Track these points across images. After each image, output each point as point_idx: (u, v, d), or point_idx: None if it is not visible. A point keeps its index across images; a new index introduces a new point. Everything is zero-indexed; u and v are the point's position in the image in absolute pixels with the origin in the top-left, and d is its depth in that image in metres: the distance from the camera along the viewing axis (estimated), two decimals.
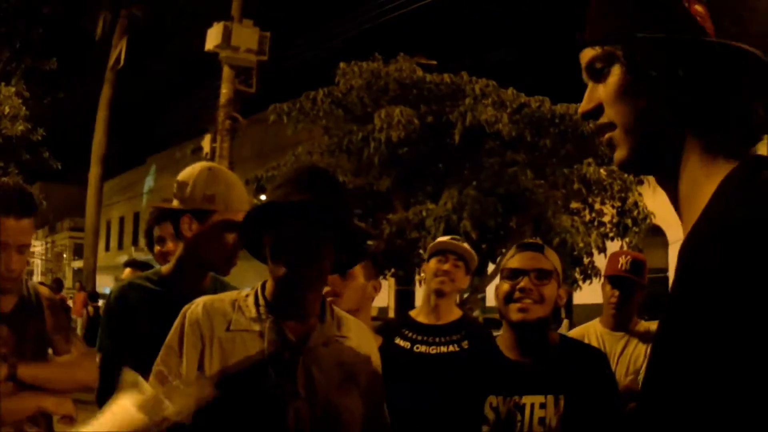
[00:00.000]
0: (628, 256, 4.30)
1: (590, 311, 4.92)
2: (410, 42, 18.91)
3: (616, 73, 1.32)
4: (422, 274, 3.98)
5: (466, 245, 4.20)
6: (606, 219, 16.02)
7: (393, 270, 15.96)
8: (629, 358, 4.14)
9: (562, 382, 2.82)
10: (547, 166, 15.89)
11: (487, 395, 2.84)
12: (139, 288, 3.03)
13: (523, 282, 2.85)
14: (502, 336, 3.00)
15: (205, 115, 19.35)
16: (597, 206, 16.04)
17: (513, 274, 2.89)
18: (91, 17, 26.48)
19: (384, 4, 19.49)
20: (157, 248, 4.26)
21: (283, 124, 16.79)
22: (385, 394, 2.61)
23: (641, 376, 3.98)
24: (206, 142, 18.63)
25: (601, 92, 1.35)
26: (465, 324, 4.16)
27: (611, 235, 15.95)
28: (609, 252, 15.30)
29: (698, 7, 1.29)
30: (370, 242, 14.06)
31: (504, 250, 14.91)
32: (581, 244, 15.15)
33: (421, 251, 14.91)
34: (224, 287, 2.98)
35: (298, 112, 16.60)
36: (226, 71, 18.47)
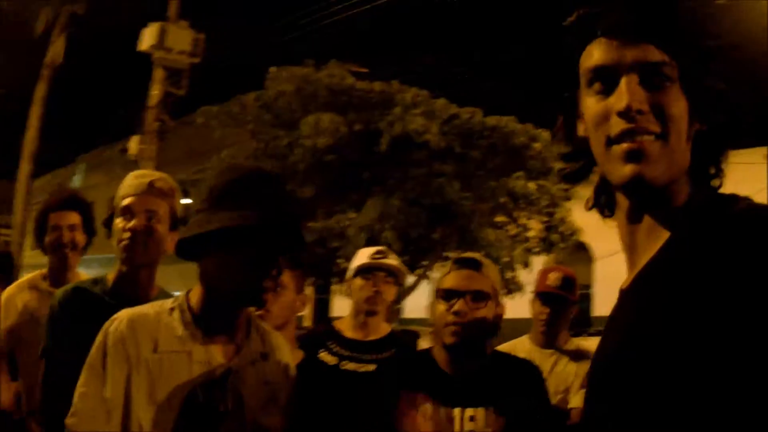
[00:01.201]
0: (559, 272, 4.20)
1: (511, 326, 4.78)
2: (343, 48, 18.67)
3: (679, 92, 1.27)
4: (346, 288, 3.90)
5: (392, 261, 4.02)
6: (531, 234, 15.91)
7: (313, 279, 15.70)
8: (559, 376, 4.04)
9: (493, 395, 2.73)
10: (475, 178, 15.63)
11: (419, 402, 2.73)
12: (84, 293, 2.96)
13: (458, 305, 2.71)
14: (437, 349, 2.85)
15: (135, 115, 18.98)
16: (522, 220, 15.91)
17: (448, 295, 2.75)
18: (31, 13, 25.96)
19: (318, 10, 19.27)
20: (48, 238, 3.90)
21: (211, 127, 16.47)
22: (306, 410, 2.58)
23: (571, 395, 4.00)
24: (134, 143, 18.23)
25: (663, 100, 1.26)
26: (395, 341, 4.01)
27: (536, 250, 15.83)
28: (533, 267, 15.22)
29: None
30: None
31: (426, 262, 14.71)
32: (506, 258, 15.01)
33: (338, 260, 14.68)
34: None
35: (226, 115, 16.31)
36: (158, 72, 18.09)
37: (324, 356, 3.84)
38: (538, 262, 16.13)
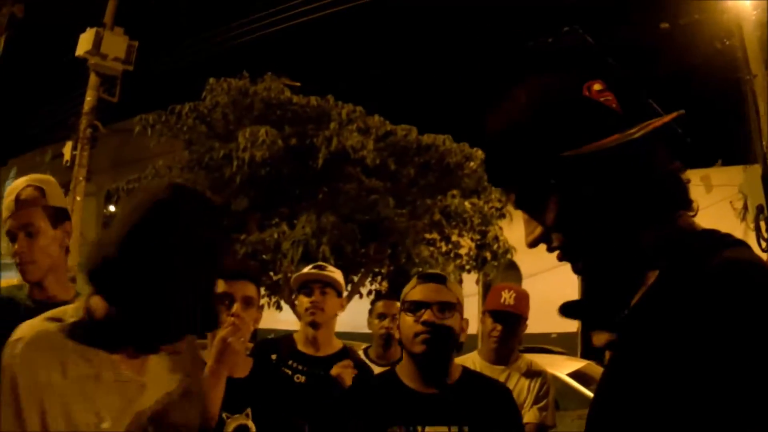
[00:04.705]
0: (512, 291, 4.23)
1: None
2: (279, 61, 18.32)
3: (554, 200, 1.28)
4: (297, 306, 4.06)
5: (328, 272, 4.02)
6: (463, 251, 15.70)
7: None
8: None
9: (466, 413, 2.76)
10: (408, 195, 15.36)
11: (389, 425, 2.73)
12: (9, 302, 2.94)
13: (426, 315, 2.79)
14: (403, 366, 2.91)
15: (68, 120, 18.42)
16: (454, 238, 15.70)
17: (415, 307, 2.82)
18: None
19: (254, 21, 18.91)
20: None
21: (143, 135, 15.93)
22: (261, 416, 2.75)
23: (525, 411, 4.07)
24: (67, 149, 17.74)
25: (544, 221, 1.30)
26: (346, 357, 4.06)
27: (467, 267, 15.63)
28: (464, 284, 14.96)
29: (597, 86, 1.27)
30: None
31: (355, 278, 14.40)
32: None
33: (271, 273, 14.27)
34: None
35: (162, 125, 15.80)
36: (93, 78, 17.63)
37: (282, 367, 3.87)
38: (469, 279, 15.95)
